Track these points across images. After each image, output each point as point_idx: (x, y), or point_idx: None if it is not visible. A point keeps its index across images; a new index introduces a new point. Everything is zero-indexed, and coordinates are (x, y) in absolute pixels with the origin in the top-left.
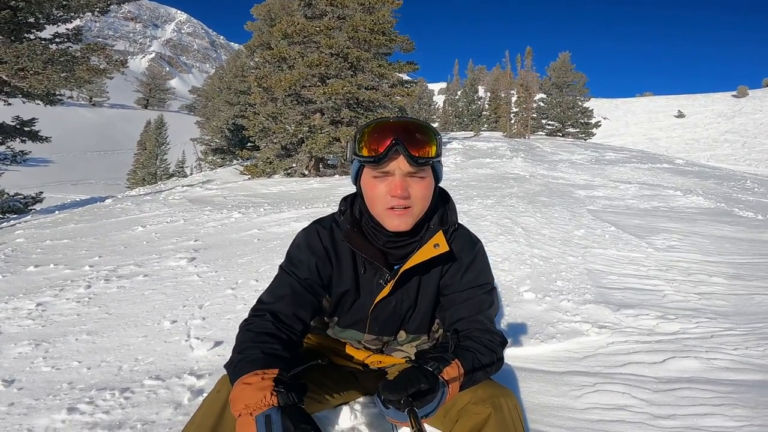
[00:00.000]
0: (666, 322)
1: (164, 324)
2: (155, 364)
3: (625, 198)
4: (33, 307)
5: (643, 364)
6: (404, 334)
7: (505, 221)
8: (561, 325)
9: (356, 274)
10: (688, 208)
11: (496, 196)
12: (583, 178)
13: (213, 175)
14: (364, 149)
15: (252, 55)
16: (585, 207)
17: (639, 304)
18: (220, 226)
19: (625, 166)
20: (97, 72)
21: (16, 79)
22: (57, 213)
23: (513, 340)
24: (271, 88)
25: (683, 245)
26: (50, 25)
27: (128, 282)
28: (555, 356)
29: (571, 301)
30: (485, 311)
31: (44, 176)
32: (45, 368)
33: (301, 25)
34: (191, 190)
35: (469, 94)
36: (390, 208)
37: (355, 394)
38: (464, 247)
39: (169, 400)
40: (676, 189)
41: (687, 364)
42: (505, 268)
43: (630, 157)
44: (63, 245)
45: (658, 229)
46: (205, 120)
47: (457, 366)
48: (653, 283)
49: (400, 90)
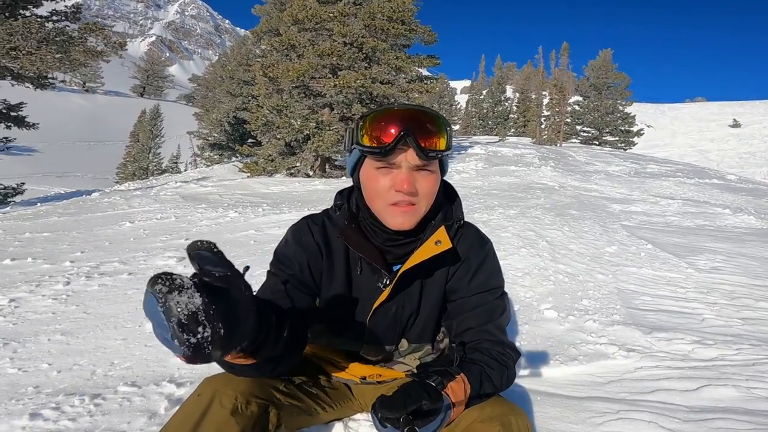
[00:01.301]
0: (703, 348)
1: (146, 327)
2: (132, 369)
3: (666, 214)
4: (5, 303)
5: (674, 392)
6: (406, 343)
7: (528, 233)
8: (584, 346)
9: (349, 275)
10: (737, 227)
11: (520, 207)
12: (619, 192)
13: (209, 172)
14: (368, 139)
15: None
16: (619, 222)
17: (674, 328)
18: (215, 225)
19: (668, 180)
20: (94, 54)
21: (7, 60)
22: (39, 205)
23: (530, 360)
24: (278, 78)
25: (728, 267)
26: (48, 1)
27: (111, 280)
28: (576, 380)
29: (597, 322)
30: (496, 320)
31: (28, 166)
32: (11, 370)
33: (314, 10)
34: (185, 187)
35: (495, 93)
36: (393, 204)
37: (350, 410)
38: (473, 247)
39: (143, 409)
40: (725, 207)
41: (724, 392)
42: (525, 283)
43: (675, 170)
44: (43, 239)
45: (700, 249)
46: (204, 112)
47: (462, 381)
48: (692, 306)
49: (419, 86)
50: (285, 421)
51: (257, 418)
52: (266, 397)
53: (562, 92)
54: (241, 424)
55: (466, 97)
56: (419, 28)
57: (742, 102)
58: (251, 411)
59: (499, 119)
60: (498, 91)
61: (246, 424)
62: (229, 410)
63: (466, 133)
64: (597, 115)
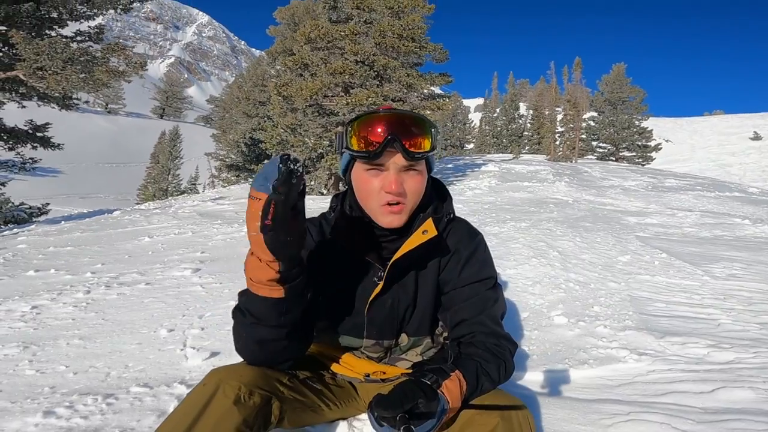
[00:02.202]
0: (719, 351)
1: (161, 332)
2: (145, 371)
3: (683, 226)
4: (27, 309)
5: (687, 394)
6: (406, 337)
7: (539, 244)
8: (595, 351)
9: (346, 273)
10: (757, 237)
11: (532, 220)
12: (635, 205)
13: (226, 192)
14: (356, 142)
15: (273, 63)
16: (634, 233)
17: (688, 333)
18: (229, 240)
19: (687, 194)
20: (116, 74)
21: (34, 79)
22: (63, 223)
23: (537, 363)
24: (292, 97)
25: (746, 274)
26: (73, 22)
27: (129, 289)
28: (585, 383)
29: (608, 327)
30: (489, 310)
31: (52, 187)
32: (29, 371)
33: (326, 29)
34: (202, 205)
35: (509, 111)
36: (383, 204)
37: (355, 410)
38: (462, 239)
39: (153, 408)
40: (745, 218)
41: (739, 394)
42: (535, 291)
43: (695, 184)
44: (66, 252)
45: (717, 258)
46: (221, 133)
47: (458, 378)
48: (707, 312)
49: (431, 104)
50: (288, 416)
51: (259, 408)
52: (270, 389)
53: (576, 108)
54: (243, 413)
55: (479, 115)
56: (430, 46)
57: (762, 114)
58: (254, 401)
59: (514, 137)
60: (511, 108)
61: (248, 414)
62: (232, 400)
63: (481, 152)
64: (613, 130)
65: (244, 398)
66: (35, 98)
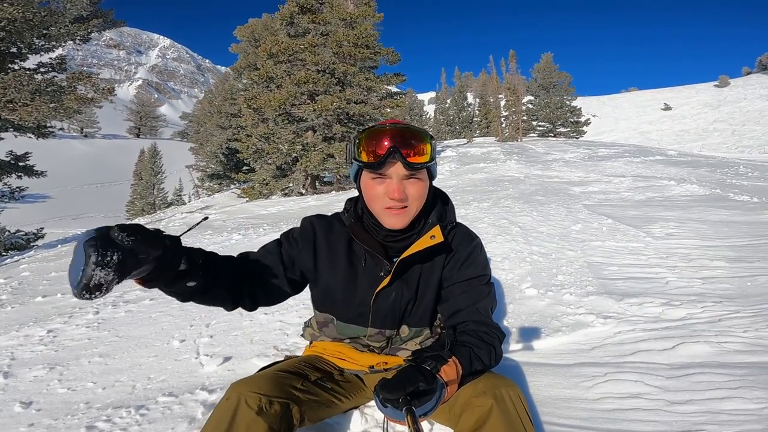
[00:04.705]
0: (671, 309)
1: (173, 343)
2: (167, 381)
3: (620, 191)
4: (44, 333)
5: (652, 352)
6: (406, 328)
7: (502, 222)
8: (565, 318)
9: (354, 267)
10: (683, 196)
11: (492, 199)
12: (577, 175)
13: (211, 200)
14: (363, 154)
15: (240, 77)
16: (581, 202)
17: (642, 293)
18: (221, 249)
19: (618, 161)
20: (85, 101)
21: (6, 112)
22: (60, 247)
23: (518, 335)
24: (261, 108)
25: (681, 232)
26: (33, 55)
27: (135, 306)
28: (562, 349)
29: (573, 294)
30: (482, 301)
31: (44, 212)
32: (61, 390)
33: (285, 44)
34: (191, 217)
35: (458, 101)
36: (388, 207)
37: (365, 399)
38: (463, 242)
39: (183, 415)
40: (670, 179)
41: (698, 349)
42: (505, 267)
43: (622, 151)
44: None
45: (654, 219)
46: (198, 146)
47: (454, 363)
48: (655, 271)
49: (390, 102)
50: (308, 415)
51: (281, 415)
52: (286, 396)
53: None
54: (267, 422)
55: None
56: (383, 50)
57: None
58: (275, 410)
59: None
60: (460, 98)
61: (272, 421)
62: (255, 410)
63: (437, 139)
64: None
65: (265, 408)
66: (11, 129)
